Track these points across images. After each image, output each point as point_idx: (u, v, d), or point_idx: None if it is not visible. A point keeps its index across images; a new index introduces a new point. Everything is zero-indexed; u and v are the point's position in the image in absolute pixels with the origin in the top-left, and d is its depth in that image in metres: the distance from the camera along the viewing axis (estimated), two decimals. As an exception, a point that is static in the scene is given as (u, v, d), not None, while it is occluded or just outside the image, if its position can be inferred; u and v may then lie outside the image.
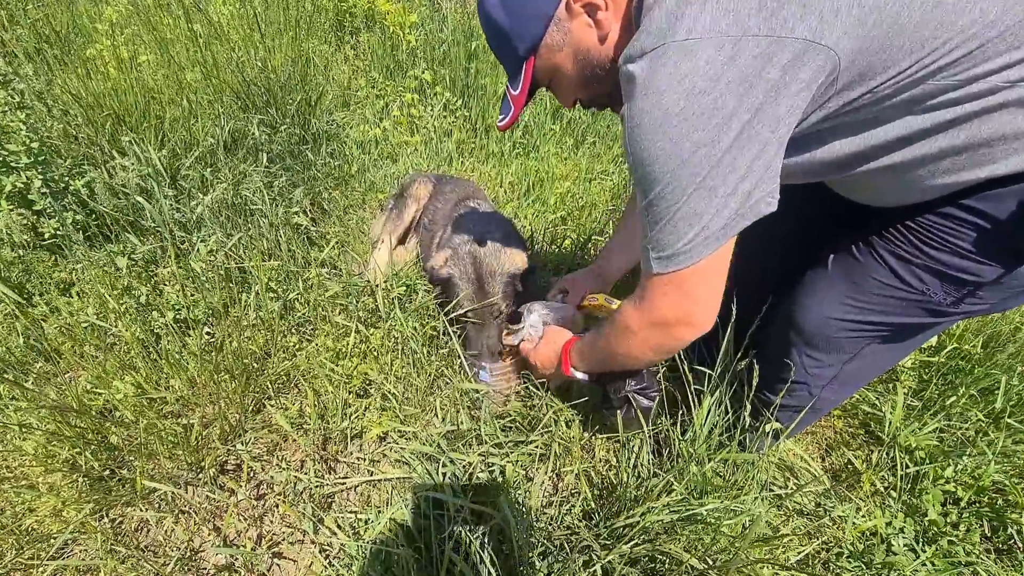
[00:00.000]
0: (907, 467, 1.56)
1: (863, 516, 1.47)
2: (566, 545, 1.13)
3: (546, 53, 0.94)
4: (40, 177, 1.66)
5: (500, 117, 1.06)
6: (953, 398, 1.67)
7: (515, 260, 1.67)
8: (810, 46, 0.68)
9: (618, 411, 1.27)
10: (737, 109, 0.71)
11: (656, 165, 0.77)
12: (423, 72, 3.06)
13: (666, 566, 1.03)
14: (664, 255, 0.86)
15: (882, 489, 1.57)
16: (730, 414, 1.25)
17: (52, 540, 1.13)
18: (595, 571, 1.01)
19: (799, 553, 1.23)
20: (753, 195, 0.78)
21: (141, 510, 1.22)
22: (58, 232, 1.69)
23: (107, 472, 1.24)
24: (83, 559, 1.15)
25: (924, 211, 0.90)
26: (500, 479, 1.29)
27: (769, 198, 0.79)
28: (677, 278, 0.87)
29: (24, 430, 1.27)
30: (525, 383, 1.54)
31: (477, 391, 1.48)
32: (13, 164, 1.62)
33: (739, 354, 1.23)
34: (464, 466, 1.31)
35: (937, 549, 1.39)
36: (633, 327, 1.01)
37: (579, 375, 1.27)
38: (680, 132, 0.73)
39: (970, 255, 0.88)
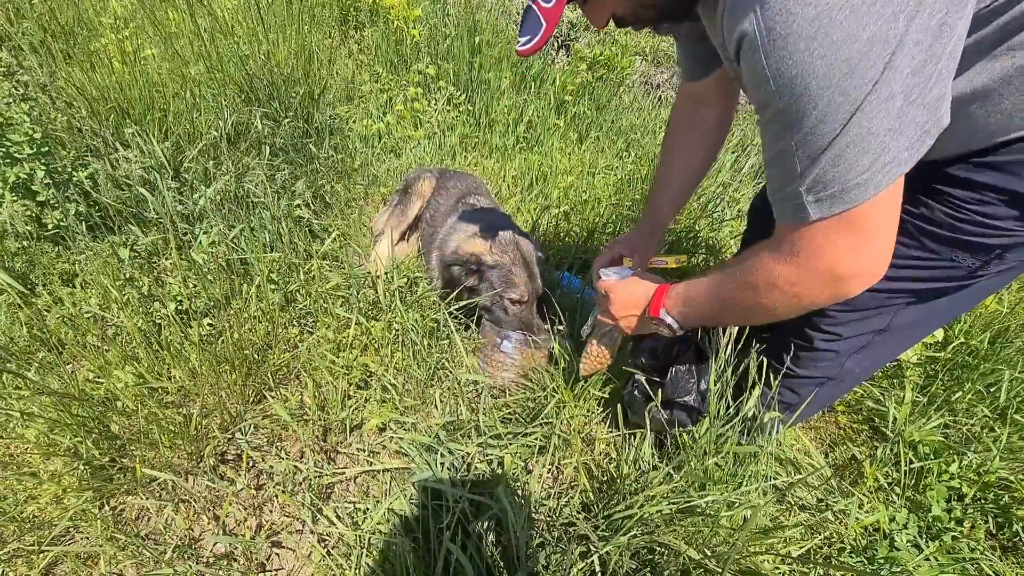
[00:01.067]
0: (911, 463, 1.55)
1: (866, 512, 1.46)
2: (564, 536, 1.12)
3: None
4: (43, 168, 1.66)
5: (522, 39, 0.88)
6: (959, 393, 1.65)
7: (532, 247, 1.77)
8: None
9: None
10: None
11: (814, 79, 0.62)
12: (427, 66, 3.05)
13: (664, 558, 1.02)
14: (829, 192, 0.70)
15: (886, 485, 1.55)
16: (732, 402, 1.24)
17: (53, 527, 1.14)
18: (592, 562, 1.00)
19: (800, 548, 1.22)
20: (942, 103, 0.64)
21: (141, 498, 1.22)
22: (61, 223, 1.69)
23: (108, 460, 1.24)
24: (84, 546, 1.16)
25: (951, 184, 0.87)
26: (499, 470, 1.28)
27: (948, 106, 0.65)
28: (850, 218, 0.71)
29: (26, 418, 1.28)
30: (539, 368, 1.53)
31: (477, 382, 1.48)
32: (16, 155, 1.63)
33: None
34: (463, 457, 1.31)
35: (940, 545, 1.38)
36: (782, 282, 0.83)
37: (669, 319, 1.08)
38: (847, 29, 0.59)
39: (993, 222, 0.85)
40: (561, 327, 1.59)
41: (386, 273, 1.78)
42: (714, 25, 0.83)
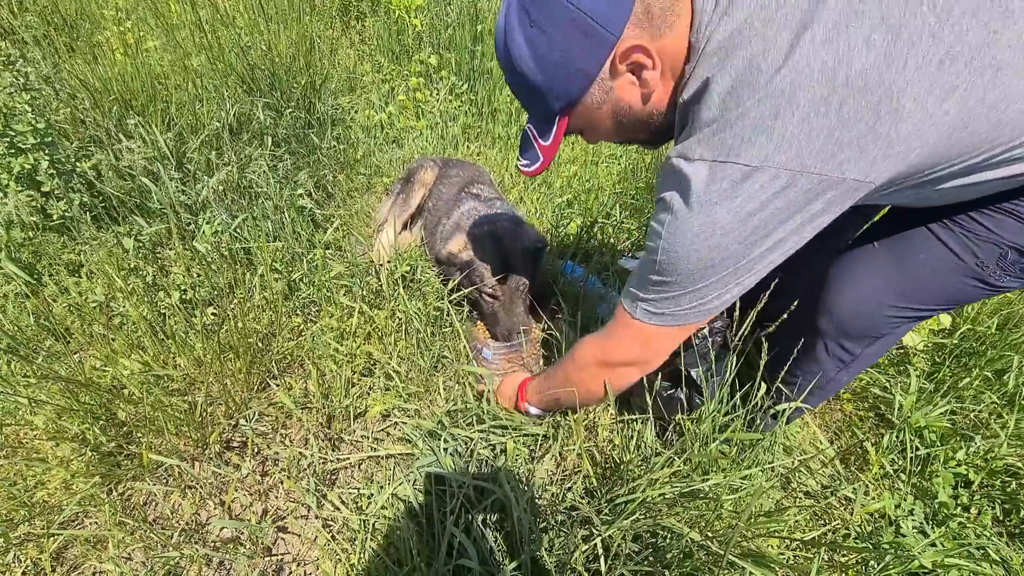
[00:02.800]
0: (917, 449, 1.54)
1: (871, 498, 1.46)
2: (567, 520, 1.13)
3: (583, 110, 0.90)
4: (47, 158, 1.67)
5: (523, 162, 1.02)
6: (966, 380, 1.64)
7: (531, 236, 1.71)
8: (858, 185, 0.72)
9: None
10: (774, 231, 0.77)
11: (684, 262, 0.83)
12: (429, 56, 3.03)
13: (667, 541, 1.02)
14: (656, 311, 0.93)
15: (891, 472, 1.54)
16: (737, 395, 1.24)
17: (62, 511, 1.15)
18: (595, 545, 1.00)
19: (805, 536, 1.22)
20: (750, 284, 0.87)
21: (148, 484, 1.23)
22: (66, 214, 1.70)
23: (115, 447, 1.26)
24: (92, 530, 1.17)
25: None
26: (502, 457, 1.29)
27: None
28: (654, 331, 0.95)
29: (35, 405, 1.29)
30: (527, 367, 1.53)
31: (480, 375, 1.48)
32: (21, 145, 1.64)
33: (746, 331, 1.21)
34: (466, 443, 1.32)
35: (947, 531, 1.37)
36: (591, 362, 1.09)
37: (533, 411, 1.32)
38: (718, 243, 0.78)
39: None
40: (563, 315, 1.59)
41: (389, 261, 1.78)
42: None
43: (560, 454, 1.37)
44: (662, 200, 0.83)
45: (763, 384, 1.18)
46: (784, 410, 1.21)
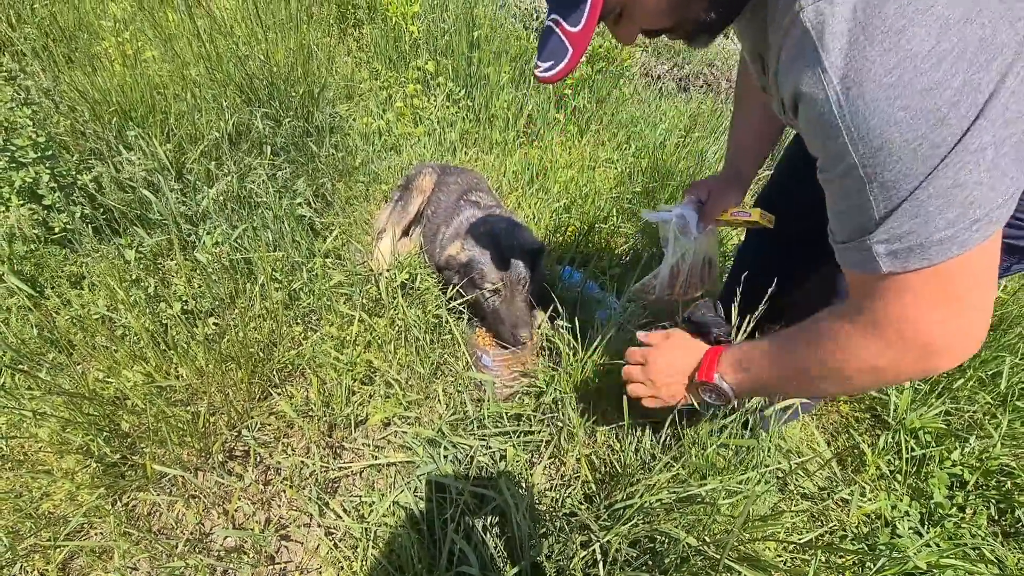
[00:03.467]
0: (913, 450, 1.55)
1: (868, 500, 1.47)
2: (566, 526, 1.14)
3: None
4: (48, 172, 1.69)
5: (543, 65, 0.80)
6: (960, 381, 1.66)
7: (528, 238, 1.74)
8: None
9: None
10: (1009, 40, 0.54)
11: (897, 130, 0.57)
12: (426, 63, 3.05)
13: (665, 546, 1.04)
14: (906, 245, 0.63)
15: (888, 473, 1.56)
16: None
17: (67, 523, 1.17)
18: (594, 551, 1.02)
19: (802, 538, 1.23)
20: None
21: (152, 494, 1.25)
22: (67, 226, 1.72)
23: (119, 458, 1.27)
24: (98, 541, 1.19)
25: None
26: (501, 463, 1.30)
27: None
28: (933, 278, 0.64)
29: (39, 417, 1.30)
30: (526, 374, 1.55)
31: (482, 381, 1.50)
32: (21, 159, 1.65)
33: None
34: (466, 450, 1.33)
35: (942, 531, 1.39)
36: (857, 353, 0.75)
37: (725, 385, 0.96)
38: (934, 78, 0.55)
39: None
40: (561, 321, 1.60)
41: (388, 269, 1.79)
42: (751, 27, 0.79)
43: (559, 459, 1.38)
44: (806, 83, 0.62)
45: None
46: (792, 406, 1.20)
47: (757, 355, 0.92)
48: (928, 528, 1.41)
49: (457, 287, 1.68)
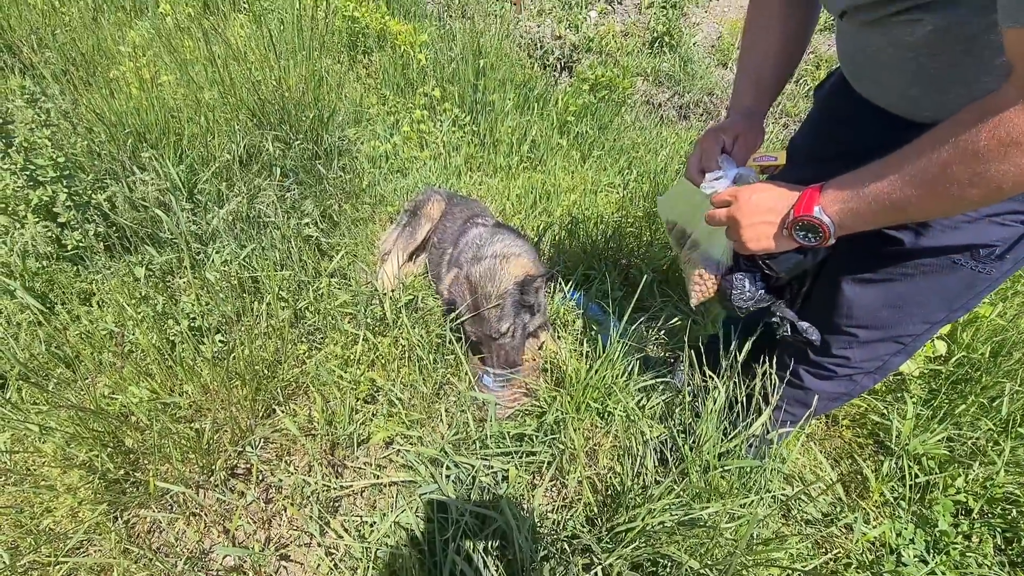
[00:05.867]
0: (916, 476, 1.55)
1: (872, 526, 1.46)
2: (568, 549, 1.14)
3: None
4: (65, 191, 1.73)
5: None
6: (962, 406, 1.66)
7: (513, 273, 1.66)
8: None
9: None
10: None
11: None
12: (432, 89, 3.13)
13: (667, 569, 1.03)
14: None
15: (892, 499, 1.55)
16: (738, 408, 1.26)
17: (68, 539, 1.16)
18: (596, 574, 1.01)
19: (806, 565, 1.22)
20: None
21: (154, 511, 1.25)
22: (80, 244, 1.75)
23: (122, 474, 1.27)
24: (98, 558, 1.18)
25: None
26: (503, 484, 1.30)
27: None
28: None
29: (44, 432, 1.31)
30: (528, 395, 1.55)
31: (484, 400, 1.50)
32: (40, 178, 1.70)
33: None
34: (468, 470, 1.33)
35: (947, 559, 1.37)
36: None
37: (826, 218, 0.84)
38: None
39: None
40: (565, 344, 1.62)
41: (393, 290, 1.82)
42: None
43: (561, 481, 1.38)
44: None
45: (764, 389, 1.20)
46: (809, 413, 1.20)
47: (871, 173, 0.79)
48: (933, 556, 1.40)
49: (457, 313, 1.70)
